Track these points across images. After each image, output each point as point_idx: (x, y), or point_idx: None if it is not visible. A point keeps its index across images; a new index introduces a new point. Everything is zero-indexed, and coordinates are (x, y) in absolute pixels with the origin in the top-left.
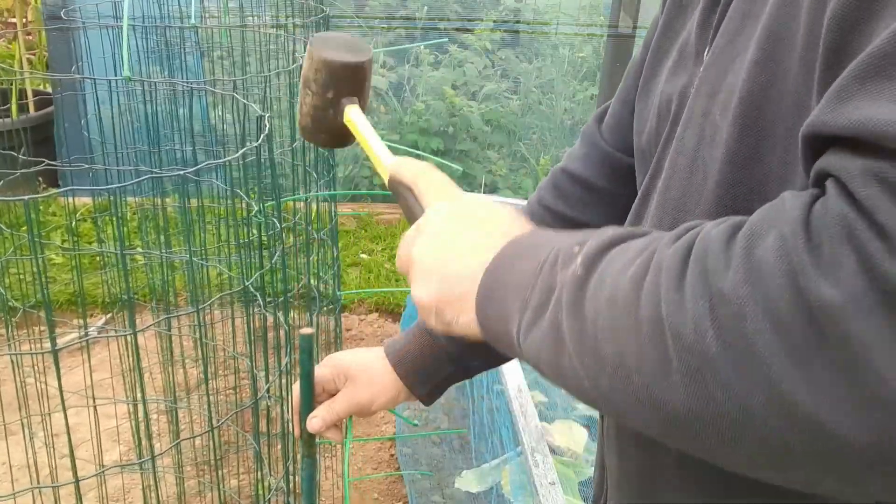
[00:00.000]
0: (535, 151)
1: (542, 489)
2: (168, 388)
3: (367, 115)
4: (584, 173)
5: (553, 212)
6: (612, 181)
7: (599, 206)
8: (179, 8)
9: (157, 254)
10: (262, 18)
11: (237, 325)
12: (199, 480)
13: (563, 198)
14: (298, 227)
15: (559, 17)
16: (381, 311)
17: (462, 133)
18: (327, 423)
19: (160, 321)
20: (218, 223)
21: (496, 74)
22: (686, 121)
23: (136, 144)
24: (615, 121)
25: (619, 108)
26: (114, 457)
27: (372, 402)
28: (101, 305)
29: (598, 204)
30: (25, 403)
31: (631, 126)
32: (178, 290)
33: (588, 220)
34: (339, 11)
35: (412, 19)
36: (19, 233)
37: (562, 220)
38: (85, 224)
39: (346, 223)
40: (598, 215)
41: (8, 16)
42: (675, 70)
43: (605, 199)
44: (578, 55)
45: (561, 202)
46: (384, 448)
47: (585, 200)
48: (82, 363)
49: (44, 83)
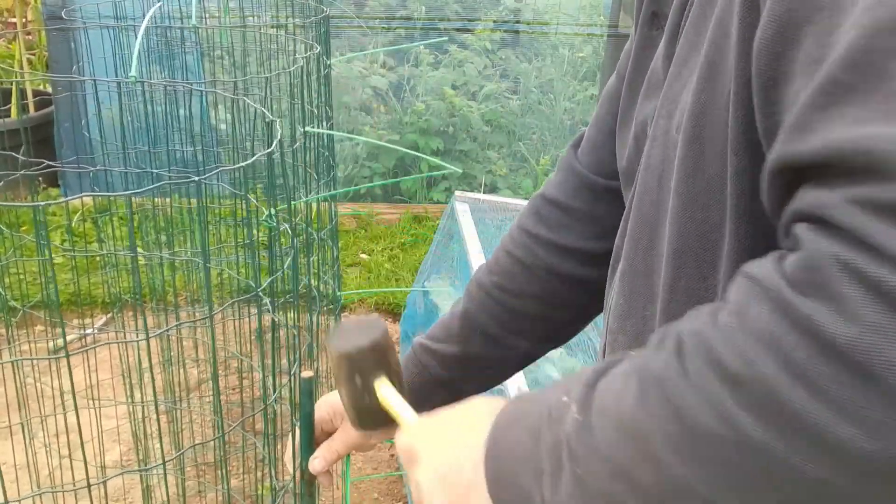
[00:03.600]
0: (535, 151)
1: None
2: (168, 389)
3: (367, 116)
4: (561, 197)
5: (534, 237)
6: (589, 203)
7: (577, 227)
8: (179, 8)
9: (162, 255)
10: (262, 18)
11: (238, 325)
12: (199, 481)
13: (544, 222)
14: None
15: (559, 17)
16: (381, 311)
17: (462, 133)
18: (328, 462)
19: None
20: (218, 223)
21: (496, 74)
22: (652, 140)
23: (137, 145)
24: (590, 145)
25: (595, 134)
26: (114, 457)
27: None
28: (102, 305)
29: (576, 226)
30: (25, 404)
31: (606, 149)
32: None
33: (567, 242)
34: (339, 11)
35: (412, 19)
36: (19, 233)
37: (543, 245)
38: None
39: (346, 223)
40: (577, 236)
41: (8, 16)
42: (646, 96)
43: (583, 221)
44: (578, 55)
45: (542, 226)
46: (384, 448)
47: (564, 223)
48: (83, 363)
49: (44, 83)
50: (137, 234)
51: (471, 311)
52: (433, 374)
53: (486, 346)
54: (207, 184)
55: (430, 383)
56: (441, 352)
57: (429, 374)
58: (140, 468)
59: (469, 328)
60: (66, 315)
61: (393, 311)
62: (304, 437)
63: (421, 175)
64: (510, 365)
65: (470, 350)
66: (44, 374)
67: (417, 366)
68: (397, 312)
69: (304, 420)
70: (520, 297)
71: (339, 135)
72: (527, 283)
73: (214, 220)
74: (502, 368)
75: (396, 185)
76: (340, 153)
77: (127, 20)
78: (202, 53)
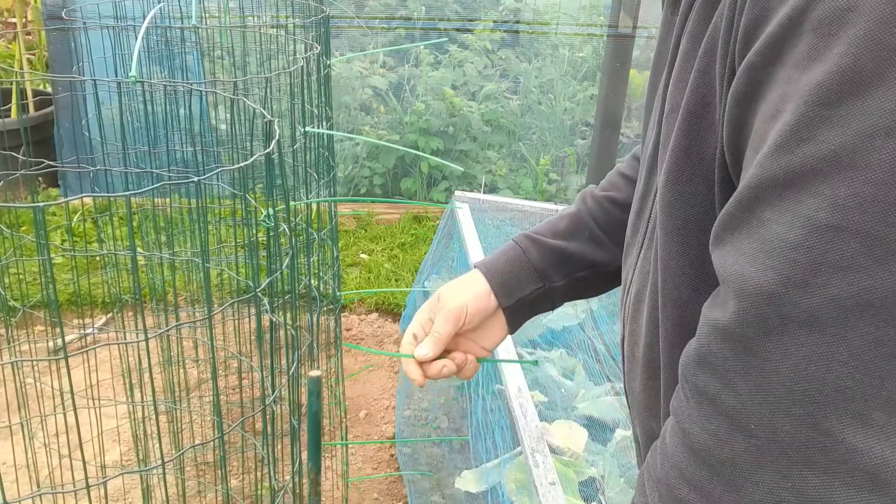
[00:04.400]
0: (535, 151)
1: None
2: (168, 389)
3: (367, 116)
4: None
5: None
6: None
7: None
8: (179, 8)
9: (162, 255)
10: (262, 18)
11: (238, 325)
12: (199, 481)
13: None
14: (299, 228)
15: (559, 17)
16: (381, 310)
17: (462, 133)
18: (438, 343)
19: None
20: (218, 223)
21: (496, 74)
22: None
23: (137, 145)
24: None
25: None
26: (114, 457)
27: (464, 307)
28: (102, 305)
29: None
30: (25, 404)
31: None
32: (178, 291)
33: None
34: (339, 11)
35: (412, 19)
36: (19, 233)
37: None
38: (85, 224)
39: (346, 223)
40: None
41: (8, 16)
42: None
43: None
44: (578, 55)
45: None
46: (384, 448)
47: None
48: (83, 363)
49: (44, 83)
50: (137, 235)
51: (582, 212)
52: (532, 260)
53: (589, 246)
54: (207, 184)
55: (527, 271)
56: (545, 242)
57: (527, 261)
58: (140, 468)
59: (577, 226)
60: (66, 315)
61: (393, 311)
62: (312, 436)
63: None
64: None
65: (572, 247)
66: (44, 374)
67: (517, 251)
68: (397, 312)
69: (311, 419)
70: (628, 210)
71: (339, 135)
72: None
73: (214, 220)
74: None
75: (396, 185)
76: (340, 153)
77: (127, 20)
78: (202, 53)
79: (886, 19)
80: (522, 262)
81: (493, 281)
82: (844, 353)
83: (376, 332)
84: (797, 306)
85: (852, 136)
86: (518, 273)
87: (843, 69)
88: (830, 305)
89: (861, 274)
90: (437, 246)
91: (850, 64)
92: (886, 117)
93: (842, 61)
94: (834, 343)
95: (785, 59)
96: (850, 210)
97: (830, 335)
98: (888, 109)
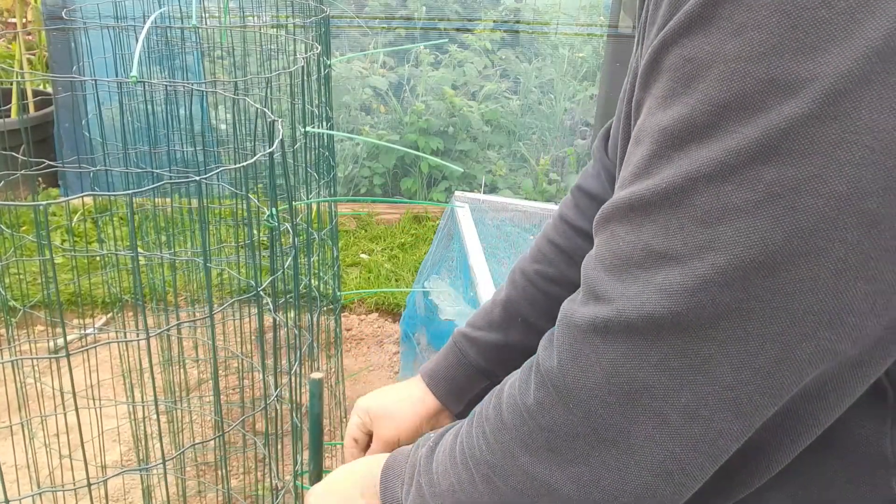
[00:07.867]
0: (535, 151)
1: None
2: (168, 389)
3: (367, 116)
4: (595, 189)
5: (573, 227)
6: None
7: None
8: (180, 8)
9: (162, 255)
10: (262, 18)
11: (238, 325)
12: (199, 481)
13: (581, 212)
14: (299, 228)
15: (559, 17)
16: (381, 311)
17: (462, 133)
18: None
19: (173, 326)
20: (219, 223)
21: (496, 74)
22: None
23: (137, 145)
24: (613, 140)
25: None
26: (114, 457)
27: (398, 436)
28: (102, 305)
29: None
30: (25, 404)
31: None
32: (178, 290)
33: None
34: (339, 11)
35: (412, 19)
36: (19, 233)
37: (582, 235)
38: (85, 224)
39: (346, 223)
40: None
41: (8, 16)
42: None
43: None
44: (578, 55)
45: (580, 217)
46: None
47: None
48: (83, 363)
49: (44, 83)
50: (138, 234)
51: (513, 298)
52: (472, 363)
53: (527, 334)
54: (208, 184)
55: (470, 373)
56: (481, 339)
57: (468, 363)
58: (140, 468)
59: (510, 315)
60: (67, 315)
61: (393, 311)
62: (313, 438)
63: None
64: None
65: (510, 338)
66: (44, 374)
67: (456, 354)
68: (397, 312)
69: (312, 420)
70: (561, 285)
71: (340, 135)
72: (567, 271)
73: (215, 220)
74: None
75: (396, 185)
76: (340, 153)
77: (127, 20)
78: (202, 54)
79: (726, 76)
80: (463, 365)
81: (438, 391)
82: (654, 358)
83: (376, 332)
84: (621, 315)
85: (682, 177)
86: (461, 378)
87: (685, 118)
88: (647, 320)
89: (676, 298)
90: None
91: (689, 115)
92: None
93: (684, 111)
94: (646, 347)
95: (650, 90)
96: (674, 238)
97: (644, 341)
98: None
